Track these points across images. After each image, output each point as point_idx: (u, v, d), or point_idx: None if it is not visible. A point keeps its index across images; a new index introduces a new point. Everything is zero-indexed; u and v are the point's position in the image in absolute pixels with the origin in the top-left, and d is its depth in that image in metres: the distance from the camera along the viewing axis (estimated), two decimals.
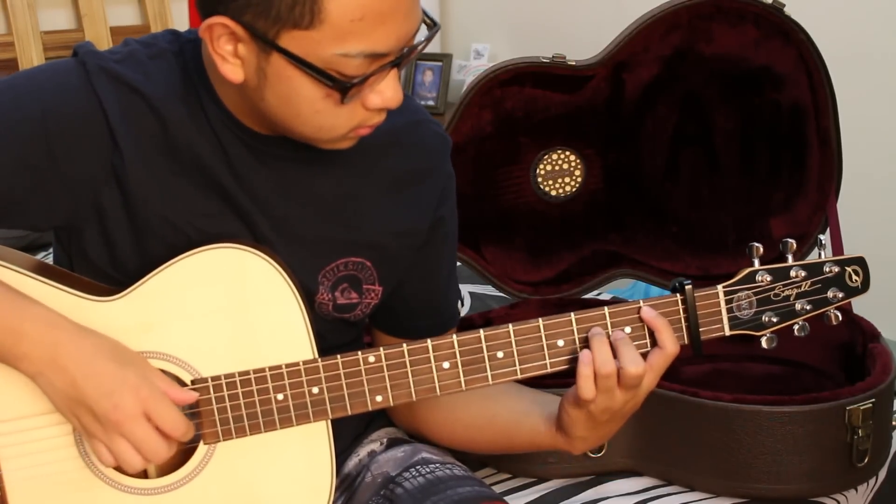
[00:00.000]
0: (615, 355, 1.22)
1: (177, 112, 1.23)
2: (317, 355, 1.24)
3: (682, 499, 1.68)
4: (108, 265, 1.27)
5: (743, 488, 1.66)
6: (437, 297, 1.44)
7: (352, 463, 1.47)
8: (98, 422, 1.16)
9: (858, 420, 1.62)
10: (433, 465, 1.40)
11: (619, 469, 1.74)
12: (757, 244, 1.29)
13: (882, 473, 1.74)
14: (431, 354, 1.24)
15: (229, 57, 1.15)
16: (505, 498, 1.40)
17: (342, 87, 1.12)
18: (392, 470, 1.40)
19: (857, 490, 1.70)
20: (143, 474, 1.25)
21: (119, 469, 1.22)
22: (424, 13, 1.19)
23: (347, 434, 1.46)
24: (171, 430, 1.17)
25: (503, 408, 1.38)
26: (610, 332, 1.24)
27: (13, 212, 1.22)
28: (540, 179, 1.96)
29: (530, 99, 1.90)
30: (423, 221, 1.36)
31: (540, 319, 1.24)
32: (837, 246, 1.88)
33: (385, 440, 1.49)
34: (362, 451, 1.48)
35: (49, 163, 1.20)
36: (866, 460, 1.66)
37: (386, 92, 1.16)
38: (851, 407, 1.63)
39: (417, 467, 1.39)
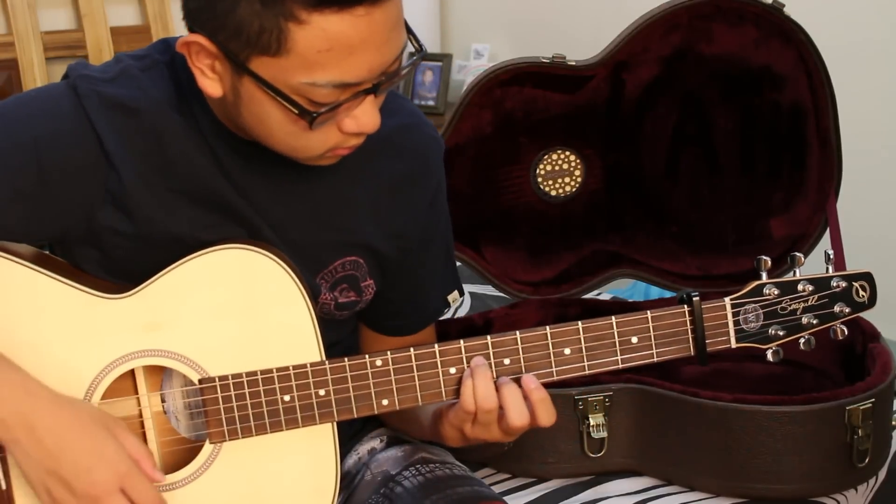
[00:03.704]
0: (501, 401, 1.21)
1: (171, 123, 1.23)
2: (324, 357, 1.24)
3: (682, 499, 1.68)
4: (105, 276, 1.26)
5: (743, 488, 1.66)
6: (418, 297, 1.43)
7: (351, 461, 1.47)
8: (73, 495, 1.15)
9: (858, 420, 1.63)
10: (433, 465, 1.40)
11: (619, 469, 1.74)
12: (765, 257, 1.29)
13: (882, 473, 1.74)
14: (438, 360, 1.24)
15: (207, 72, 1.16)
16: (505, 498, 1.40)
17: (309, 115, 1.12)
18: (392, 468, 1.41)
19: (857, 490, 1.70)
20: None
21: None
22: (413, 38, 1.17)
23: (346, 431, 1.46)
24: None
25: None
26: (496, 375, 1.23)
27: (2, 234, 1.22)
28: (540, 179, 1.96)
29: (530, 99, 1.90)
30: (415, 225, 1.36)
31: (547, 327, 1.25)
32: (837, 246, 1.87)
33: (385, 438, 1.49)
34: (362, 449, 1.48)
35: (41, 189, 1.19)
36: (866, 460, 1.66)
37: (362, 118, 1.15)
38: (851, 407, 1.63)
39: (417, 466, 1.40)
